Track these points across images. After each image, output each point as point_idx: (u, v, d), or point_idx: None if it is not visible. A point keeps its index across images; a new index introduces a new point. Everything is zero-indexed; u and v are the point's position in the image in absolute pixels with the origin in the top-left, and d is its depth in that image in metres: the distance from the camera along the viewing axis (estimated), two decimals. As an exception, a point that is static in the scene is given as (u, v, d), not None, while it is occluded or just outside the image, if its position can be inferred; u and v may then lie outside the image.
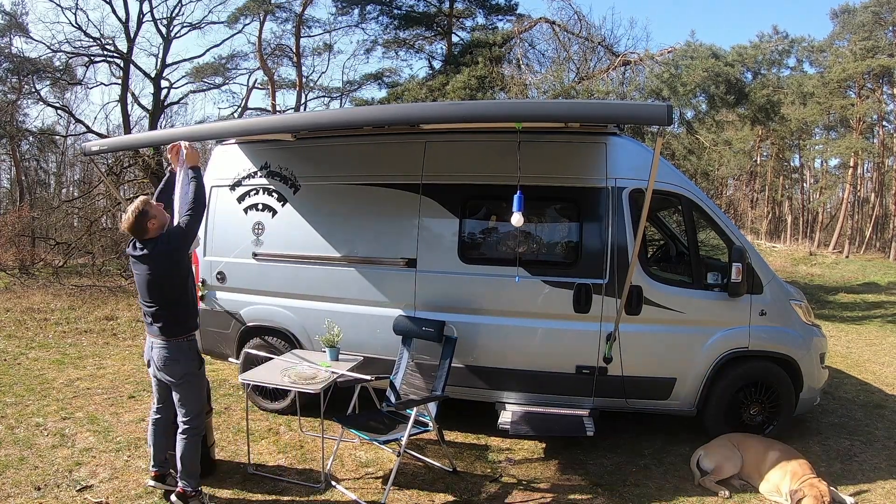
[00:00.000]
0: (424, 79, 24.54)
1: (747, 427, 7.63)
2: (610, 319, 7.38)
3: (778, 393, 7.70)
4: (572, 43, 23.45)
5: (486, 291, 7.70)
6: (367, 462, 7.29)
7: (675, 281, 7.87)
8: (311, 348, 8.21)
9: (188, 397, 6.05)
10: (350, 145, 8.27)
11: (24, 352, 12.27)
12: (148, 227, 5.80)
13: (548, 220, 8.13)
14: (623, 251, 7.50)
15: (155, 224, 5.83)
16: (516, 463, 7.42)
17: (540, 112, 6.36)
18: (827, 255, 41.74)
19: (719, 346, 7.56)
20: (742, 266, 7.34)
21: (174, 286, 5.91)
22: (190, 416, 6.04)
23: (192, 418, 6.05)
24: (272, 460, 7.27)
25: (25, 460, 7.07)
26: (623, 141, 7.80)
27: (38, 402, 9.07)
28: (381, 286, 8.06)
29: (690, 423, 8.06)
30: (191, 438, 6.04)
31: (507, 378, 7.84)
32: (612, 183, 7.57)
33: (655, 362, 7.61)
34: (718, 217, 7.81)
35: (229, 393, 9.76)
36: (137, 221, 5.75)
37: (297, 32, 33.37)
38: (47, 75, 30.85)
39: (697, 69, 19.21)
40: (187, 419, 6.04)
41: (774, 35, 27.27)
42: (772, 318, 7.65)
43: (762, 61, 21.93)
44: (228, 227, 8.81)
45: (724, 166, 37.10)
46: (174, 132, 8.45)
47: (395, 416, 7.00)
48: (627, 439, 8.06)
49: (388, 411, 7.19)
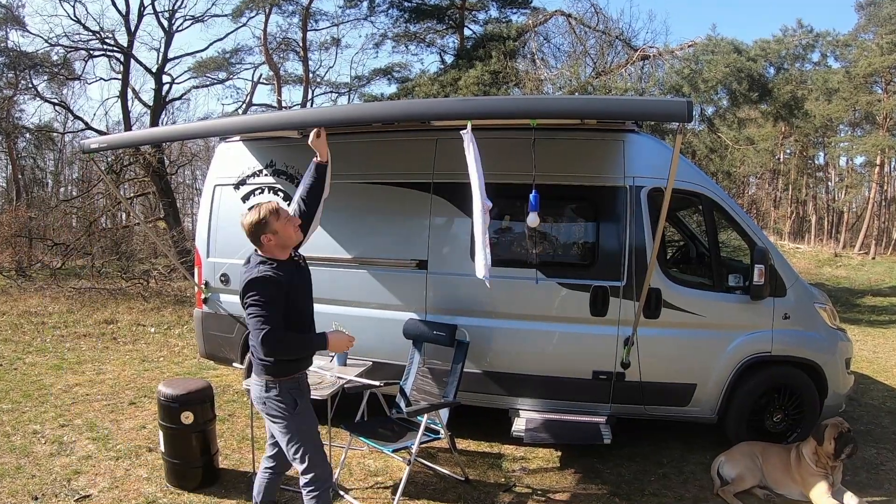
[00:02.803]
0: (436, 74, 24.51)
1: (770, 434, 7.62)
2: (628, 323, 7.38)
3: (802, 399, 7.68)
4: (589, 37, 23.44)
5: (499, 294, 7.66)
6: (375, 471, 7.30)
7: (695, 283, 7.86)
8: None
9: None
10: (358, 143, 8.26)
11: (20, 357, 12.32)
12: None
13: (564, 221, 8.13)
14: (641, 252, 7.50)
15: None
16: (531, 472, 7.42)
17: (555, 108, 6.32)
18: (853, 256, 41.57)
19: (741, 351, 7.54)
20: (765, 268, 7.31)
21: None
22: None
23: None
24: (278, 468, 7.28)
25: (22, 469, 7.09)
26: (642, 138, 7.80)
27: (36, 409, 9.10)
28: (390, 288, 8.06)
29: (711, 430, 8.06)
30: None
31: (521, 384, 7.84)
32: (631, 182, 7.57)
33: (675, 367, 7.60)
34: (740, 217, 7.80)
35: (233, 399, 9.77)
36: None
37: (304, 26, 33.39)
38: (45, 70, 30.83)
39: (719, 65, 19.19)
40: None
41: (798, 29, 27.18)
42: (795, 322, 7.63)
43: (786, 56, 21.90)
44: (232, 228, 8.77)
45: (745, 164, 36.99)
46: (176, 129, 8.48)
47: (405, 424, 6.99)
48: (646, 447, 8.06)
49: (397, 418, 7.19)
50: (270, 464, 5.63)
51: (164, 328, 15.58)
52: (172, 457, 6.69)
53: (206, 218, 9.14)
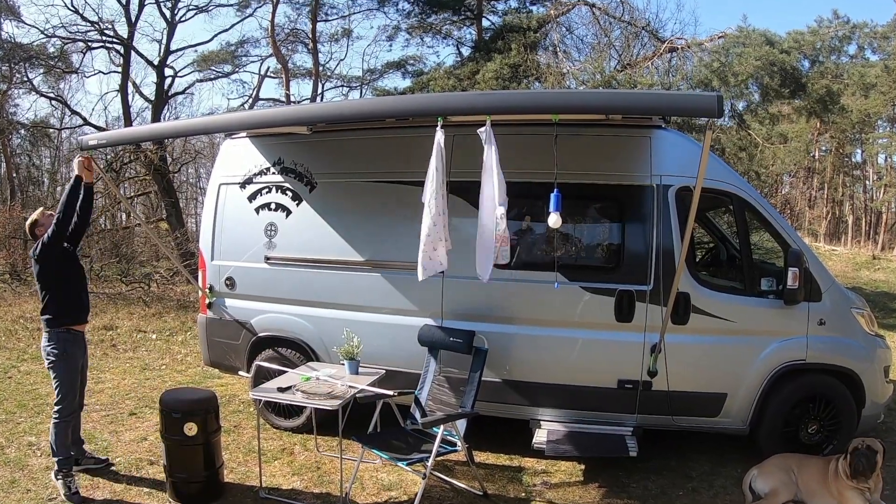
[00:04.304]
0: (452, 67, 24.55)
1: (805, 446, 7.59)
2: (655, 329, 7.37)
3: (838, 409, 7.65)
4: (614, 28, 23.48)
5: (519, 298, 7.72)
6: (389, 485, 7.30)
7: (725, 287, 7.86)
8: (328, 361, 8.25)
9: None
10: (371, 139, 8.32)
11: (15, 364, 12.36)
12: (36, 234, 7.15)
13: (587, 221, 8.14)
14: (669, 255, 7.49)
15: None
16: (553, 486, 7.43)
17: (579, 103, 6.34)
18: (892, 258, 41.34)
19: (774, 359, 7.53)
20: (799, 271, 7.26)
21: None
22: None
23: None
24: (286, 483, 7.31)
25: (17, 483, 7.13)
26: (669, 135, 7.81)
27: (31, 420, 9.14)
28: (404, 293, 8.09)
29: (742, 442, 8.05)
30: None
31: (542, 393, 7.84)
32: (658, 180, 7.58)
33: (704, 376, 7.59)
34: (773, 217, 7.80)
35: (239, 409, 9.79)
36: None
37: (314, 16, 33.29)
38: (40, 62, 30.81)
39: (750, 57, 19.13)
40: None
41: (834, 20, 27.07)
42: (831, 328, 7.61)
43: (821, 48, 21.84)
44: (238, 229, 8.85)
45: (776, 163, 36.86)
46: (179, 125, 8.54)
47: (421, 435, 7.03)
48: (673, 460, 8.05)
49: (412, 430, 7.22)
50: None
51: (167, 335, 15.61)
52: (175, 470, 6.71)
53: (211, 219, 9.16)
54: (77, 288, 7.25)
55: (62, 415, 6.90)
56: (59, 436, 6.90)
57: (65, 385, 6.96)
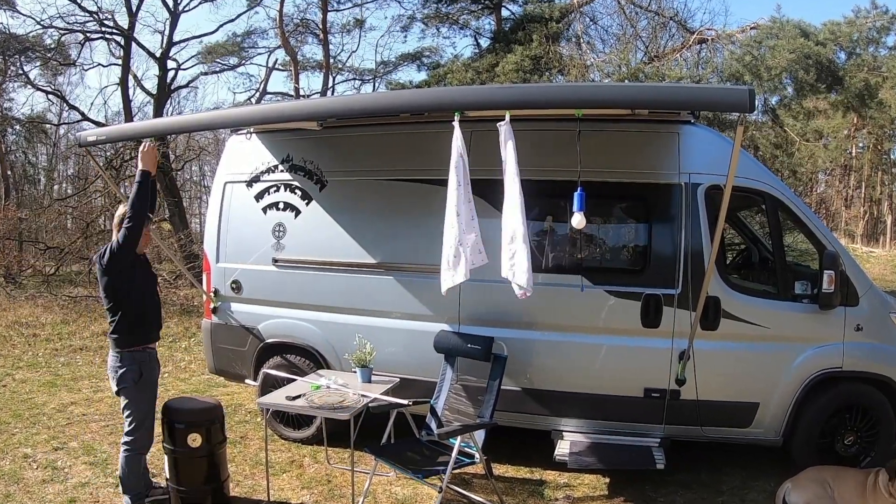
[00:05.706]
0: (470, 59, 24.59)
1: (841, 458, 7.55)
2: (683, 335, 7.34)
3: (876, 419, 7.61)
4: (640, 18, 23.43)
5: (541, 303, 7.62)
6: (403, 499, 7.32)
7: (758, 291, 7.86)
8: (339, 368, 8.28)
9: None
10: (384, 135, 8.32)
11: (10, 372, 12.44)
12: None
13: (612, 222, 8.15)
14: (698, 257, 7.48)
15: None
16: (576, 500, 7.43)
17: (604, 97, 6.31)
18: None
19: (809, 366, 7.49)
20: (835, 274, 7.24)
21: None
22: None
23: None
24: (295, 497, 7.35)
25: (12, 497, 7.18)
26: (698, 130, 7.80)
27: (27, 430, 9.22)
28: (419, 297, 8.10)
29: (775, 454, 8.04)
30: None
31: (564, 403, 7.85)
32: (686, 178, 7.57)
33: (735, 384, 7.58)
34: (808, 218, 7.77)
35: (246, 420, 9.85)
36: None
37: (324, 6, 33.21)
38: (37, 55, 30.87)
39: (784, 50, 19.06)
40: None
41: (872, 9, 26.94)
42: (869, 334, 7.58)
43: (858, 40, 21.71)
44: (244, 229, 8.87)
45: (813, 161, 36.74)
46: (182, 120, 8.56)
47: (437, 447, 7.03)
48: (703, 473, 8.03)
49: (427, 441, 7.23)
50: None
51: (169, 341, 15.66)
52: (178, 483, 6.72)
53: (216, 219, 9.20)
54: (154, 300, 7.04)
55: (134, 447, 6.60)
56: (131, 471, 6.63)
57: (140, 412, 6.61)
